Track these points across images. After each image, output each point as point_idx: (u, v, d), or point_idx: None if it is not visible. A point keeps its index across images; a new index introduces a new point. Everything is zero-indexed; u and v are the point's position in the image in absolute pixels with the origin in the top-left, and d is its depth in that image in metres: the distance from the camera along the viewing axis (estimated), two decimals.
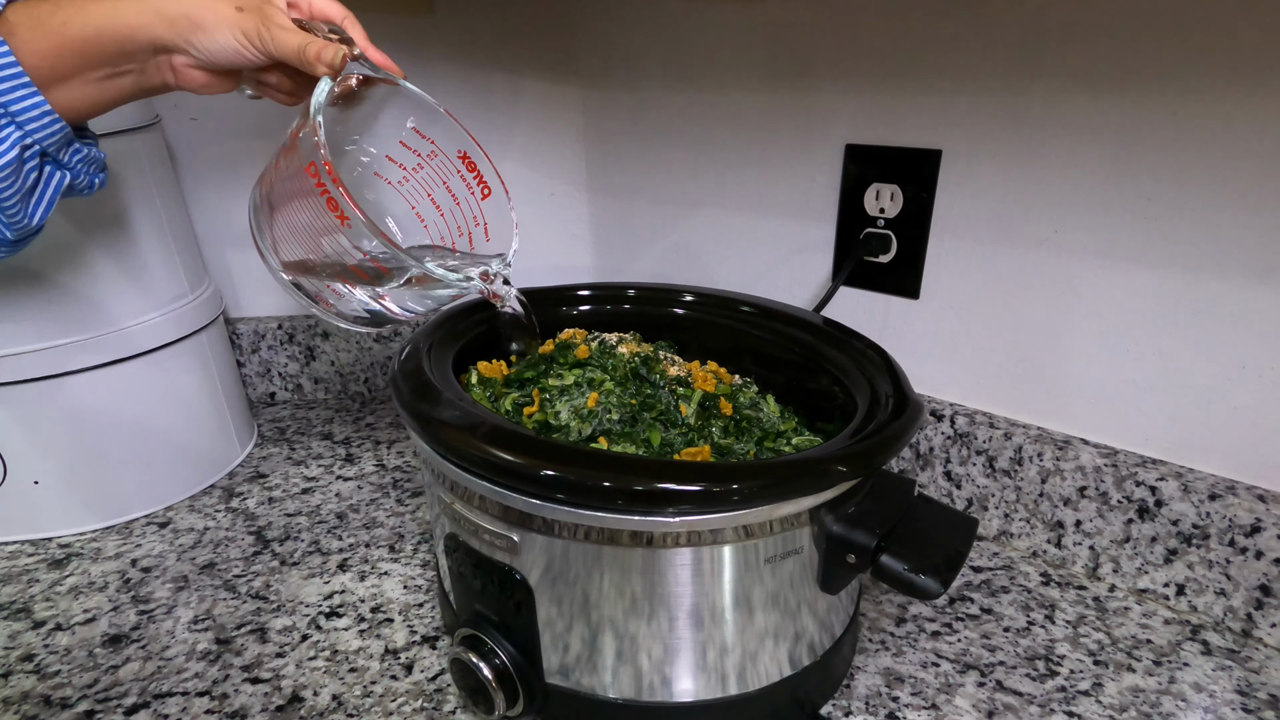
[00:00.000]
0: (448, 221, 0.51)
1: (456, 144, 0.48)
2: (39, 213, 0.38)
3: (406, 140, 0.48)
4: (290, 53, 0.39)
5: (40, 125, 0.35)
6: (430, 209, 0.50)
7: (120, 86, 0.38)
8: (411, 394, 0.42)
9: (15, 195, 0.36)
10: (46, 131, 0.36)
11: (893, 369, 0.47)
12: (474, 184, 0.49)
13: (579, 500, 0.35)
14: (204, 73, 0.40)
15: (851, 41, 0.59)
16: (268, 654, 0.50)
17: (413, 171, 0.49)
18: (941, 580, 0.36)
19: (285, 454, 0.77)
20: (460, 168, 0.49)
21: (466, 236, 0.51)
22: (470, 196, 0.49)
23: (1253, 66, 0.44)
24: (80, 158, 0.39)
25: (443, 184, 0.49)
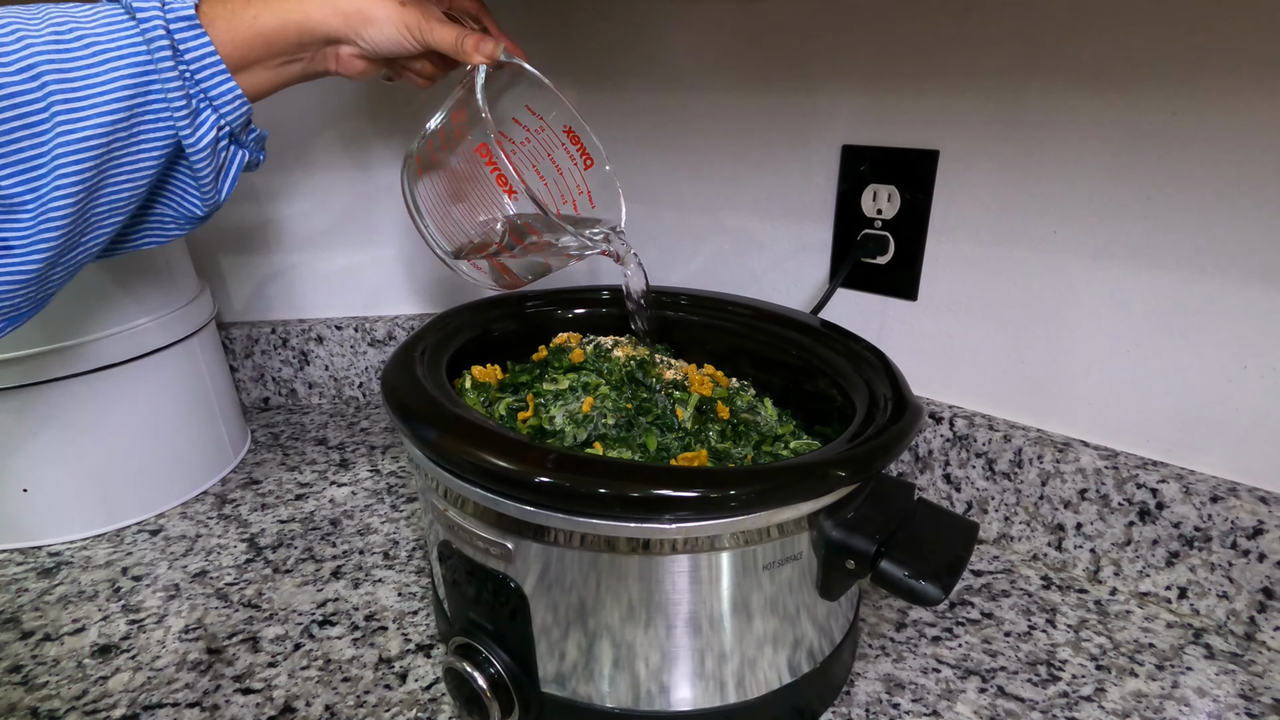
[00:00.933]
0: (551, 190, 0.55)
1: (563, 119, 0.53)
2: (225, 188, 0.42)
3: (519, 117, 0.52)
4: (448, 45, 0.44)
5: (233, 109, 0.39)
6: (535, 179, 0.55)
7: (292, 71, 0.42)
8: (403, 399, 0.41)
9: (211, 173, 0.40)
10: (236, 114, 0.39)
11: (891, 371, 0.46)
12: (577, 155, 0.54)
13: (573, 507, 0.35)
14: (365, 61, 0.44)
15: (848, 42, 0.58)
16: (260, 664, 0.50)
17: (521, 145, 0.54)
18: (942, 586, 0.35)
19: (279, 460, 0.76)
20: (565, 140, 0.54)
21: (571, 204, 0.55)
22: (573, 167, 0.54)
23: (1253, 64, 0.43)
24: (254, 137, 0.42)
25: (547, 156, 0.54)
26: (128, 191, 0.37)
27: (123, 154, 0.36)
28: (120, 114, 0.35)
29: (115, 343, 0.61)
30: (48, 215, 0.34)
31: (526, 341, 0.55)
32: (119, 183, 0.37)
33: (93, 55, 0.34)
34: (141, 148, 0.37)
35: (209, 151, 0.39)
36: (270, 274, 0.84)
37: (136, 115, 0.36)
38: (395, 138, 0.81)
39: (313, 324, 0.85)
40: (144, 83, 0.35)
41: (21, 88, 0.33)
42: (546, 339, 0.54)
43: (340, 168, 0.80)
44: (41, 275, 0.36)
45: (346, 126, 0.79)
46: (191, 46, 0.36)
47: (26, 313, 0.38)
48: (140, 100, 0.35)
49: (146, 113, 0.36)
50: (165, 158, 0.38)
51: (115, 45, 0.35)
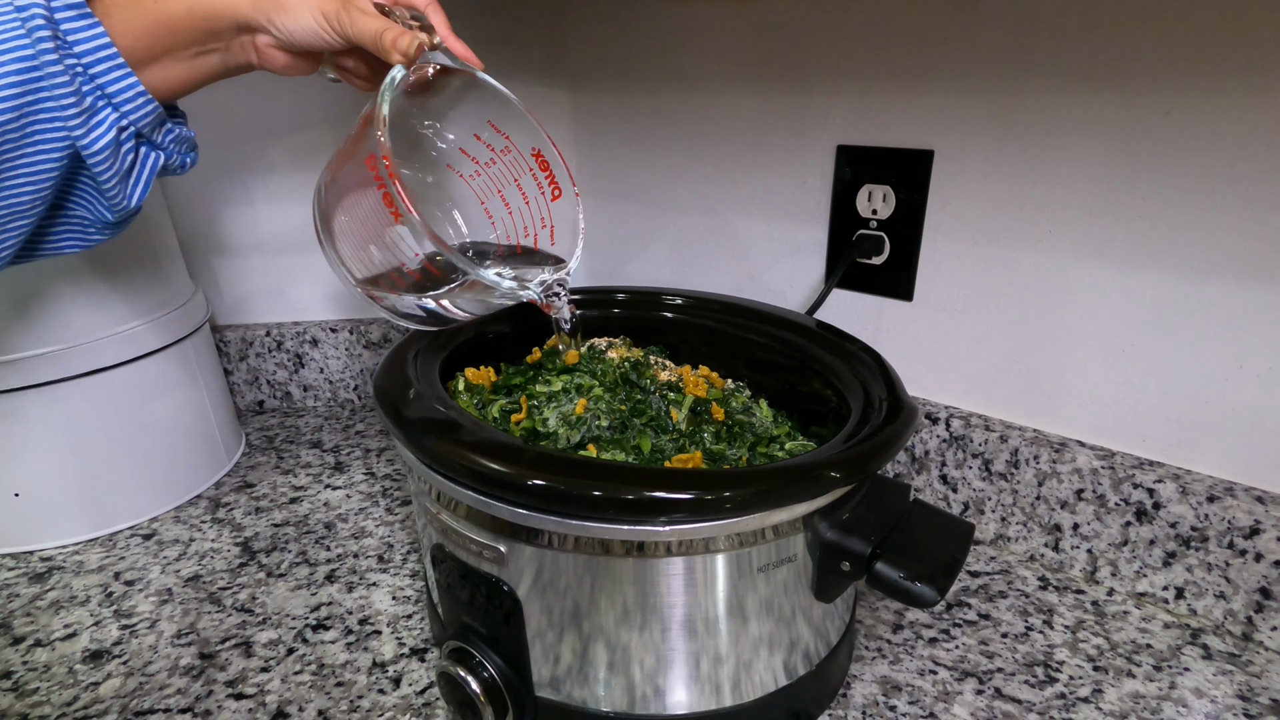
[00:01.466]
0: (515, 220, 0.50)
1: (531, 141, 0.47)
2: (137, 193, 0.38)
3: (481, 134, 0.48)
4: (367, 38, 0.39)
5: (135, 106, 0.35)
6: (500, 206, 0.50)
7: (208, 65, 0.39)
8: (395, 401, 0.41)
9: (114, 177, 0.36)
10: (141, 112, 0.36)
11: (886, 372, 0.46)
12: (545, 184, 0.48)
13: (566, 509, 0.35)
14: (285, 53, 0.40)
15: (842, 42, 0.58)
16: (252, 668, 0.49)
17: (485, 166, 0.49)
18: (938, 588, 0.35)
19: (273, 463, 0.76)
20: (533, 165, 0.48)
21: (533, 237, 0.50)
22: (540, 196, 0.49)
23: (1247, 64, 0.43)
24: (172, 137, 0.39)
25: (514, 181, 0.49)
26: (28, 195, 0.35)
27: (15, 155, 0.33)
28: (8, 113, 0.32)
29: (108, 346, 0.61)
30: None
31: (521, 343, 0.54)
32: (15, 186, 0.34)
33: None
34: (37, 148, 0.34)
35: (109, 154, 0.35)
36: (264, 276, 0.84)
37: (27, 114, 0.33)
38: None
39: (307, 326, 0.85)
40: (31, 79, 0.32)
41: None
42: (541, 341, 0.54)
43: None
44: None
45: (339, 125, 0.79)
46: (81, 38, 0.33)
47: None
48: (29, 98, 0.32)
49: (39, 111, 0.33)
50: (66, 158, 0.35)
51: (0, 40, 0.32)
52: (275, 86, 0.75)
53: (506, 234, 0.50)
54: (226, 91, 0.74)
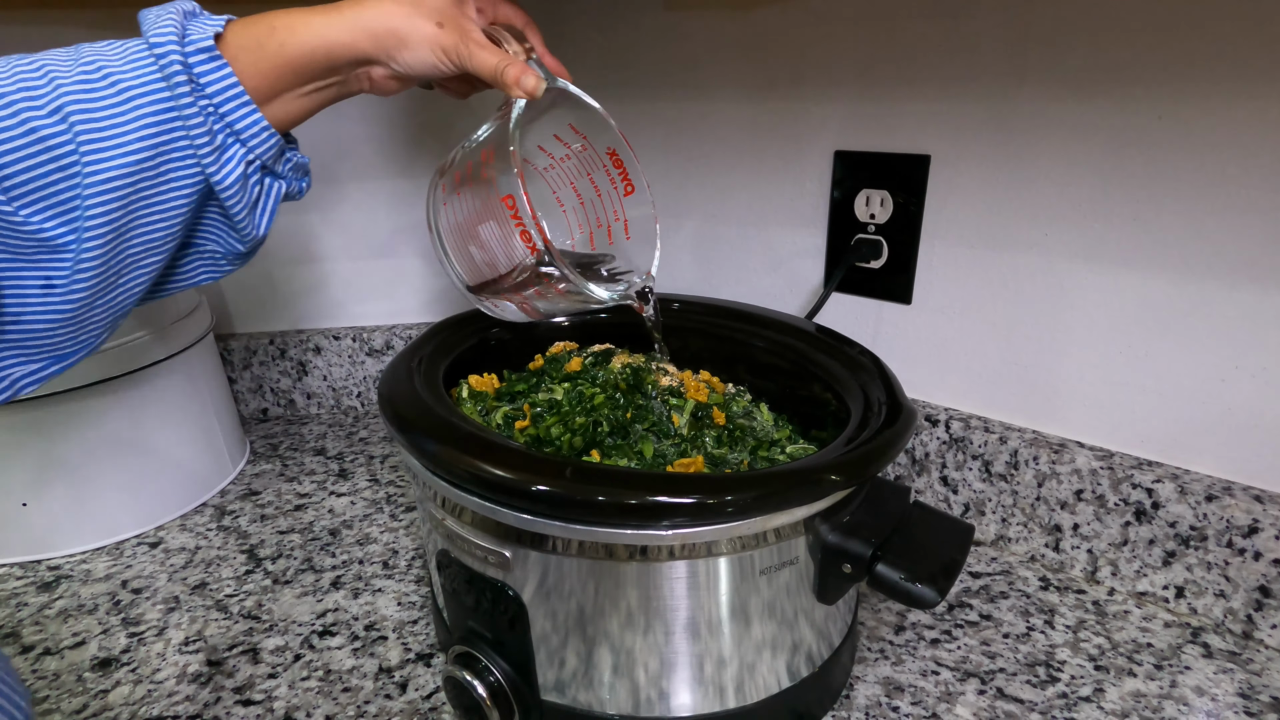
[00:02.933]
0: (588, 212, 0.53)
1: (607, 142, 0.50)
2: (264, 223, 0.40)
3: (560, 134, 0.50)
4: (487, 72, 0.41)
5: (260, 140, 0.37)
6: (571, 195, 0.52)
7: (324, 96, 0.40)
8: (399, 409, 0.41)
9: (244, 208, 0.38)
10: (265, 146, 0.37)
11: (885, 375, 0.46)
12: (618, 179, 0.51)
13: (570, 515, 0.35)
14: (398, 81, 0.42)
15: (838, 48, 0.59)
16: (260, 675, 0.50)
17: (560, 161, 0.51)
18: (938, 589, 0.36)
19: (278, 470, 0.77)
20: (607, 163, 0.50)
21: (606, 229, 0.53)
22: (613, 190, 0.51)
23: (1238, 68, 0.44)
24: (290, 165, 0.41)
25: (587, 175, 0.51)
26: (161, 231, 0.36)
27: (151, 193, 0.35)
28: (145, 153, 0.34)
29: (112, 357, 0.61)
30: (84, 255, 0.34)
31: (523, 350, 0.55)
32: (151, 223, 0.36)
33: (117, 94, 0.33)
34: (171, 187, 0.35)
35: (238, 187, 0.37)
36: (267, 285, 0.84)
37: (163, 153, 0.35)
38: (394, 149, 0.81)
39: (310, 334, 0.85)
40: (167, 120, 0.34)
41: (51, 130, 0.33)
42: (543, 348, 0.55)
43: (339, 180, 0.81)
44: (78, 315, 0.36)
45: (344, 137, 0.80)
46: (212, 80, 0.35)
47: (70, 354, 0.37)
48: (165, 139, 0.34)
49: (173, 151, 0.35)
50: (197, 195, 0.36)
51: (138, 83, 0.34)
52: None
53: (579, 224, 0.53)
54: None
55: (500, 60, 0.41)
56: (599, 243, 0.53)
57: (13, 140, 0.32)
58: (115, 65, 0.34)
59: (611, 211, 0.52)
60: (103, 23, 0.70)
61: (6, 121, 0.32)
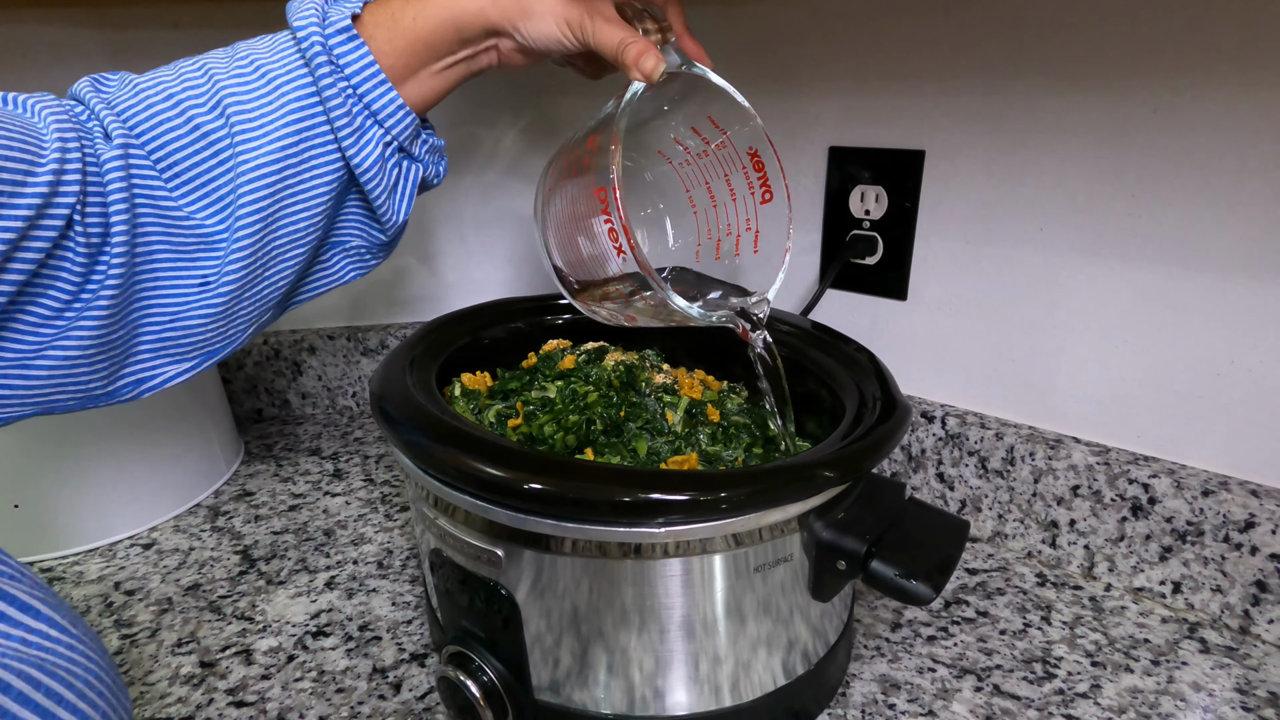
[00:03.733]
0: (719, 215, 0.48)
1: (750, 140, 0.45)
2: (403, 207, 0.39)
3: (699, 127, 0.46)
4: (609, 49, 0.38)
5: (396, 120, 0.37)
6: (704, 197, 0.48)
7: (456, 74, 0.39)
8: (391, 407, 0.41)
9: (384, 191, 0.38)
10: (401, 125, 0.37)
11: (880, 372, 0.46)
12: (756, 184, 0.46)
13: (562, 512, 0.35)
14: (525, 55, 0.40)
15: (832, 44, 0.59)
16: (253, 676, 0.49)
17: (696, 157, 0.47)
18: (933, 585, 0.35)
19: (272, 471, 0.76)
20: (747, 164, 0.45)
21: (735, 238, 0.48)
22: (749, 196, 0.46)
23: (1234, 60, 0.44)
24: (426, 147, 0.40)
25: (723, 176, 0.47)
26: (305, 221, 0.36)
27: (296, 181, 0.35)
28: (291, 139, 0.34)
29: None
30: (234, 247, 0.34)
31: (517, 348, 0.55)
32: (296, 212, 0.36)
33: (266, 83, 0.34)
34: (314, 173, 0.36)
35: (377, 168, 0.37)
36: None
37: (306, 139, 0.35)
38: None
39: (304, 334, 0.85)
40: (309, 104, 0.35)
41: (211, 123, 0.33)
42: (537, 346, 0.54)
43: None
44: (228, 309, 0.36)
45: None
46: (350, 60, 0.35)
47: (219, 348, 0.38)
48: (308, 123, 0.35)
49: (315, 135, 0.35)
50: (338, 182, 0.37)
51: (284, 70, 0.34)
52: None
53: (708, 229, 0.48)
54: None
55: (624, 37, 0.38)
56: (726, 252, 0.48)
57: (179, 137, 0.33)
58: (264, 56, 0.35)
59: (744, 220, 0.47)
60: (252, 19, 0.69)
61: (174, 120, 0.33)
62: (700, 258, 0.49)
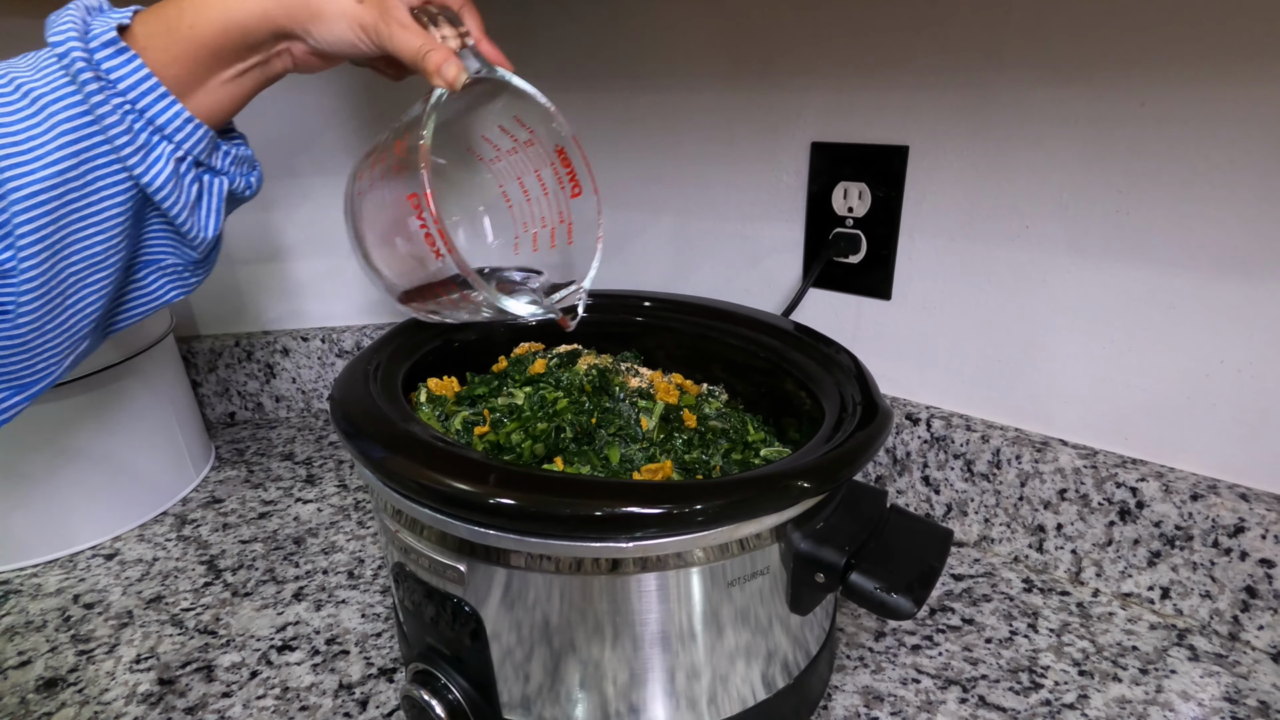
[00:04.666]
0: (534, 209, 0.49)
1: (556, 138, 0.47)
2: (210, 223, 0.38)
3: (506, 126, 0.47)
4: (408, 56, 0.38)
5: (186, 134, 0.35)
6: (518, 191, 0.49)
7: (251, 81, 0.38)
8: (351, 414, 0.39)
9: (183, 209, 0.36)
10: (194, 140, 0.35)
11: (862, 374, 0.45)
12: (566, 179, 0.47)
13: (525, 528, 0.33)
14: (321, 58, 0.39)
15: (813, 36, 0.57)
16: (213, 694, 0.48)
17: (506, 154, 0.48)
18: (914, 599, 0.34)
19: (243, 477, 0.74)
20: (555, 160, 0.47)
21: (550, 230, 0.49)
22: (560, 190, 0.48)
23: (1223, 52, 0.42)
24: (230, 159, 0.38)
25: (534, 171, 0.48)
26: (101, 245, 0.34)
27: (82, 204, 0.33)
28: (66, 161, 0.32)
29: None
30: (24, 275, 0.32)
31: (488, 352, 0.53)
32: (87, 236, 0.34)
33: (30, 105, 0.32)
34: (101, 195, 0.33)
35: (171, 185, 0.35)
36: (232, 284, 0.82)
37: (85, 160, 0.32)
38: (358, 140, 0.79)
39: (277, 336, 0.83)
40: (82, 124, 0.32)
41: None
42: (509, 349, 0.53)
43: (302, 174, 0.78)
44: (30, 341, 0.34)
45: (304, 130, 0.77)
46: (123, 75, 0.33)
47: (32, 383, 0.36)
48: (84, 144, 0.32)
49: (95, 156, 0.33)
50: (130, 201, 0.34)
51: (48, 88, 0.32)
52: None
53: (524, 222, 0.50)
54: None
55: (423, 44, 0.37)
56: (543, 245, 0.50)
57: None
58: (27, 75, 0.32)
59: (558, 213, 0.49)
60: None
61: None
62: (520, 250, 0.50)
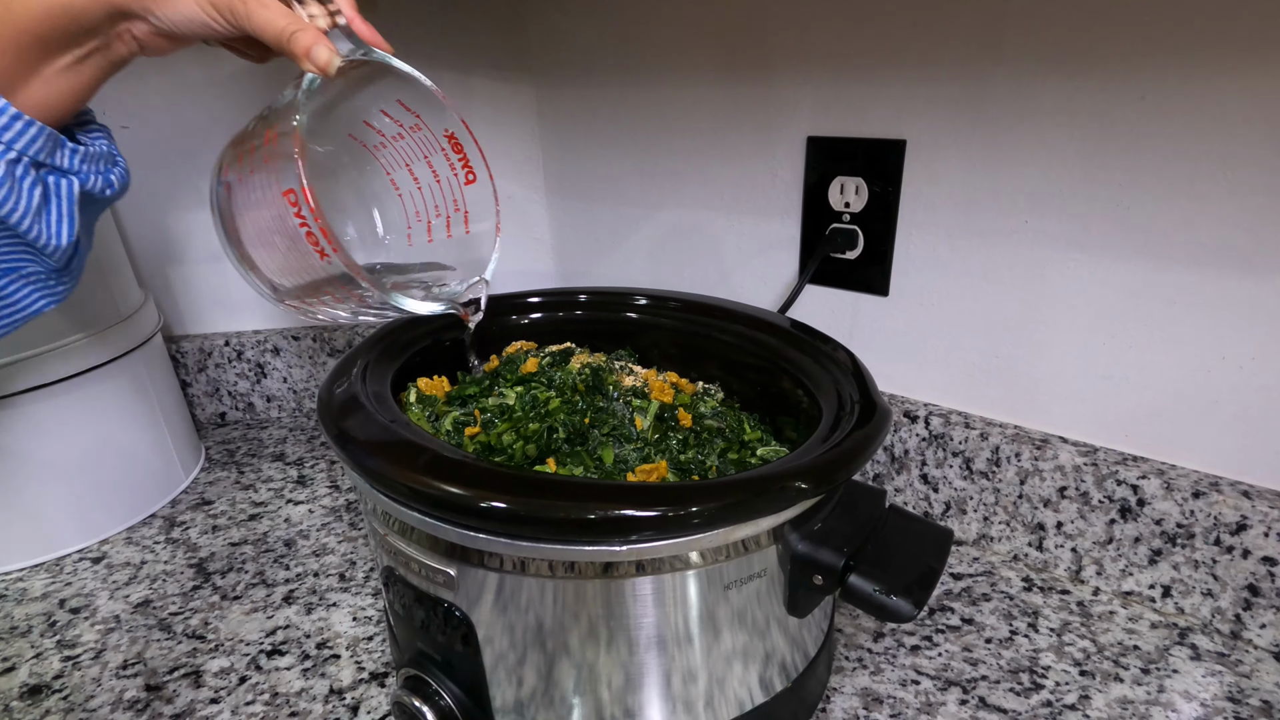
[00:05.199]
0: (425, 198, 0.46)
1: (444, 123, 0.44)
2: (62, 230, 0.34)
3: (389, 110, 0.44)
4: (270, 37, 0.34)
5: (17, 132, 0.31)
6: (408, 179, 0.46)
7: (92, 68, 0.34)
8: (337, 415, 0.38)
9: (25, 215, 0.32)
10: (26, 138, 0.31)
11: (859, 372, 0.44)
12: (459, 166, 0.44)
13: (515, 531, 0.32)
14: (169, 40, 0.35)
15: (809, 29, 0.56)
16: (201, 700, 0.47)
17: (392, 139, 0.45)
18: (914, 601, 0.33)
19: (233, 478, 0.73)
20: (445, 146, 0.44)
21: (445, 219, 0.46)
22: (453, 178, 0.45)
23: (1225, 44, 0.41)
24: (80, 157, 0.34)
25: (424, 158, 0.45)
26: None
27: None
28: None
29: (47, 361, 0.58)
30: None
31: (480, 351, 0.52)
32: None
33: None
34: None
35: (5, 188, 0.30)
36: (221, 283, 0.80)
37: None
38: None
39: (268, 335, 0.82)
40: None
41: None
42: (501, 348, 0.52)
43: None
44: None
45: None
46: None
47: None
48: None
49: None
50: None
51: None
52: (228, 88, 0.72)
53: (416, 211, 0.47)
54: (177, 94, 0.71)
55: (288, 24, 0.33)
56: (438, 235, 0.47)
57: None
58: None
59: (452, 201, 0.46)
60: None
61: None
62: (413, 240, 0.47)
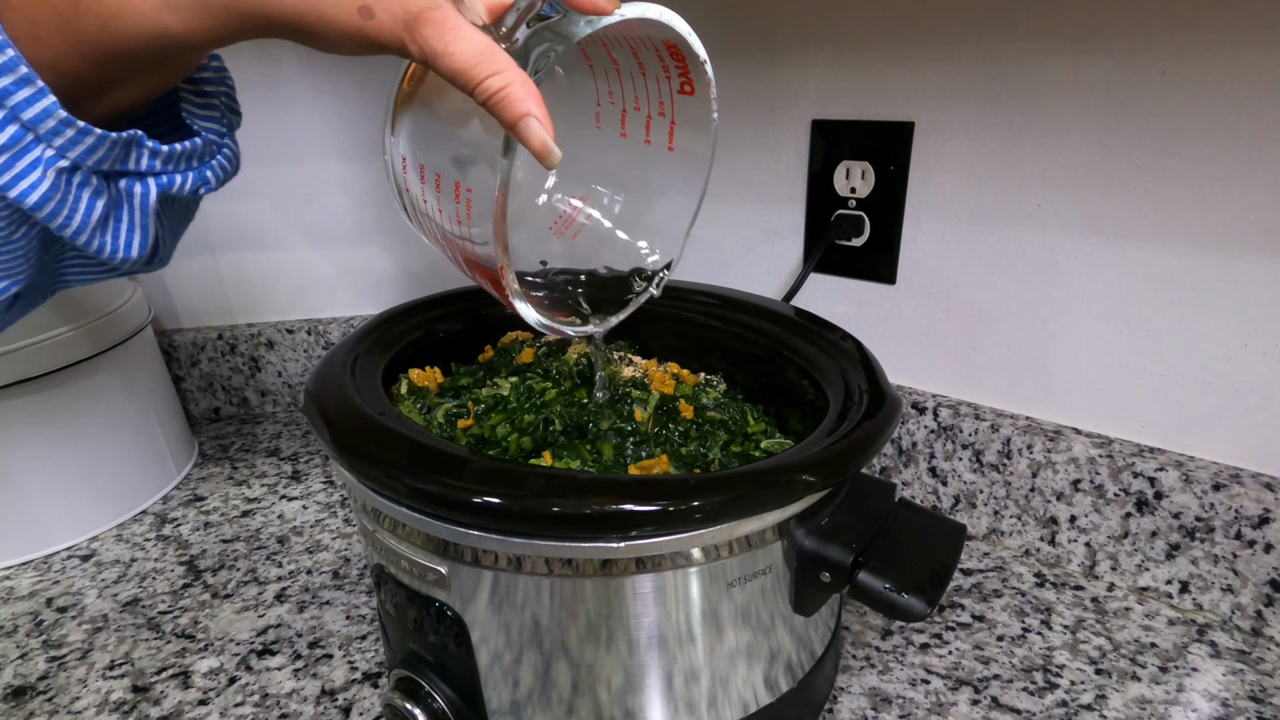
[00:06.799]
0: (625, 83, 0.35)
1: (666, 36, 0.31)
2: (133, 241, 0.27)
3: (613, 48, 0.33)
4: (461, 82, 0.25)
5: (68, 140, 0.24)
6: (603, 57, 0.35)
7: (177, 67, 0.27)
8: (325, 408, 0.37)
9: (82, 229, 0.26)
10: (83, 147, 0.24)
11: (868, 361, 0.42)
12: (674, 71, 0.33)
13: (508, 527, 0.31)
14: None
15: (813, 7, 0.54)
16: (189, 701, 0.45)
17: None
18: (927, 599, 0.32)
19: (226, 474, 0.72)
20: (663, 51, 0.32)
21: (645, 118, 0.36)
22: (664, 78, 0.34)
23: (1248, 17, 0.40)
24: (160, 159, 0.27)
25: (628, 47, 0.33)
26: None
27: None
28: None
29: (34, 354, 0.56)
30: None
31: (474, 341, 0.50)
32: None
33: None
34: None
35: (57, 203, 0.24)
36: (214, 276, 0.79)
37: None
38: (348, 126, 0.76)
39: (262, 328, 0.80)
40: None
41: None
42: (495, 338, 0.50)
43: (286, 161, 0.76)
44: None
45: (292, 116, 0.74)
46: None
47: None
48: None
49: None
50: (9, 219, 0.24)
51: None
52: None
53: (609, 90, 0.36)
54: None
55: (479, 61, 0.24)
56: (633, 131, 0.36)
57: None
58: None
59: (656, 102, 0.35)
60: None
61: None
62: (601, 123, 0.37)
